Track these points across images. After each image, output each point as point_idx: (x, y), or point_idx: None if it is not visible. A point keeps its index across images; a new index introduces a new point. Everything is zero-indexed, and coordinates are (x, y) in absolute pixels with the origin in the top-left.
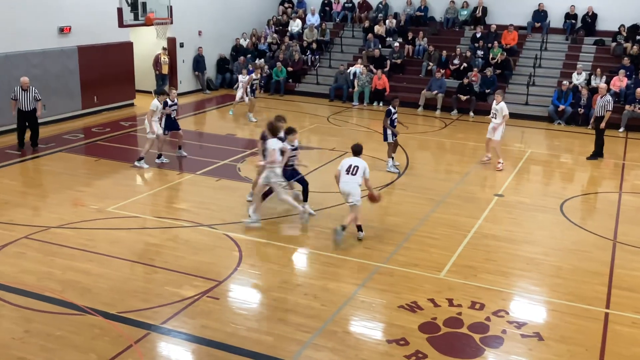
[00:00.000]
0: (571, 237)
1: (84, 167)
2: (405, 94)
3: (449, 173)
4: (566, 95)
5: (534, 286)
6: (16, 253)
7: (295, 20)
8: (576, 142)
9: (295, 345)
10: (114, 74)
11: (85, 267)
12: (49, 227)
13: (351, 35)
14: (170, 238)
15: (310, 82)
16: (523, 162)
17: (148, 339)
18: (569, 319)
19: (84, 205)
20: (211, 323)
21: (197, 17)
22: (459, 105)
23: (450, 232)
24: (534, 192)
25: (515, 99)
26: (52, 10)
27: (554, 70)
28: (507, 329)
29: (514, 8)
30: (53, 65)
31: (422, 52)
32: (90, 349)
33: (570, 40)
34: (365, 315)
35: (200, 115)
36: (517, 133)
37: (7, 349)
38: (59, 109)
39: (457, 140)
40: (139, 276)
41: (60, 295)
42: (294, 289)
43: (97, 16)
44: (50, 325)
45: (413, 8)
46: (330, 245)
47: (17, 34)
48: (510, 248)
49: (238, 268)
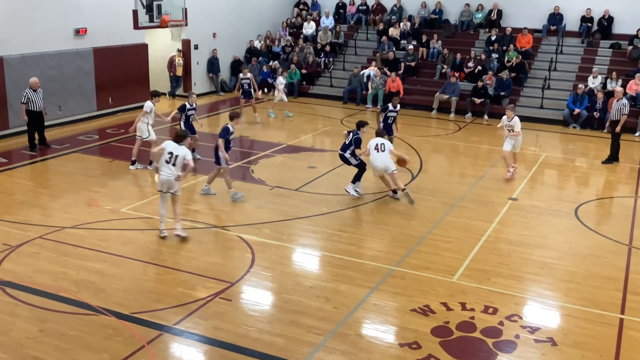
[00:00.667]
0: (586, 242)
1: (99, 168)
2: (419, 97)
3: (463, 176)
4: (582, 99)
5: (547, 291)
6: (31, 253)
7: (309, 23)
8: (591, 146)
9: (307, 348)
10: (129, 75)
11: (99, 268)
12: (63, 228)
13: (365, 38)
14: (184, 239)
15: (324, 85)
16: (537, 166)
17: (160, 339)
18: (583, 324)
19: (98, 205)
20: (223, 324)
21: (211, 19)
22: (473, 108)
23: (463, 235)
24: (548, 196)
25: (530, 102)
26: (68, 12)
27: (569, 74)
28: (521, 334)
29: (530, 11)
30: (69, 66)
31: (436, 54)
32: (103, 349)
33: (586, 43)
34: (377, 318)
35: (214, 117)
36: (532, 136)
37: (21, 348)
38: (74, 110)
39: (471, 143)
40: (152, 277)
41: (74, 295)
42: (306, 291)
43: (112, 18)
44: (64, 325)
45: (428, 11)
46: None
47: (33, 35)
48: (524, 252)
49: (250, 270)
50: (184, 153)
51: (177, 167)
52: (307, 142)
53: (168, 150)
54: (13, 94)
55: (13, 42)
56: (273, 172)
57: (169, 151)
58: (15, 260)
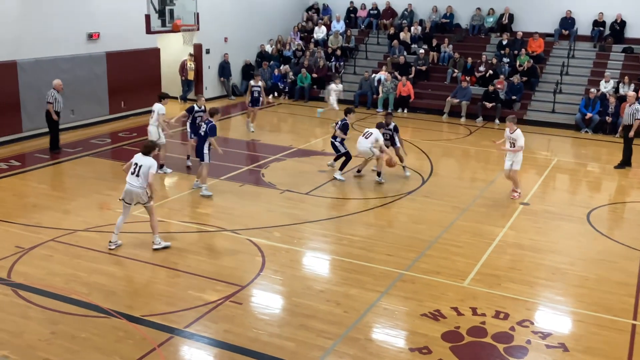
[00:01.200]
0: (598, 247)
1: (111, 171)
2: (430, 101)
3: (474, 181)
4: (594, 103)
5: (559, 296)
6: (43, 255)
7: (320, 27)
8: (603, 151)
9: (317, 352)
10: (141, 79)
11: (110, 270)
12: (76, 230)
13: (376, 42)
14: (194, 242)
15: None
16: (549, 171)
17: (171, 342)
18: (595, 330)
19: (109, 208)
20: (233, 328)
21: (223, 24)
22: (484, 113)
23: (474, 240)
24: (560, 200)
25: (541, 106)
26: (81, 17)
27: (581, 78)
28: (532, 339)
29: (541, 15)
30: (82, 70)
31: (447, 59)
32: (114, 352)
33: (598, 47)
34: (387, 322)
35: (226, 120)
36: (544, 141)
37: (33, 350)
38: (86, 113)
39: (482, 147)
40: (162, 280)
41: (86, 297)
42: (317, 295)
43: (125, 23)
44: (75, 327)
45: (439, 15)
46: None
47: (47, 39)
48: (536, 257)
49: (261, 273)
50: (148, 164)
51: (141, 177)
52: (317, 146)
53: (134, 161)
54: (27, 98)
55: (27, 47)
56: (283, 176)
57: (135, 162)
58: (28, 262)
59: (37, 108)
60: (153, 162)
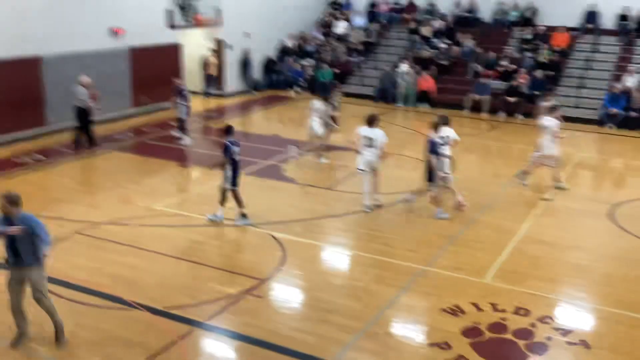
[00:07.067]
0: (621, 244)
1: (134, 165)
2: (451, 96)
3: (496, 176)
4: (618, 98)
5: (581, 293)
6: (67, 248)
7: (341, 22)
8: (628, 147)
9: (337, 346)
10: (164, 74)
11: (133, 263)
12: (99, 223)
13: (397, 37)
14: (216, 236)
15: (355, 84)
16: (572, 167)
17: (192, 334)
18: (617, 327)
19: (132, 202)
20: (254, 321)
21: (244, 19)
22: (506, 108)
23: (495, 236)
24: (583, 197)
25: (565, 101)
26: (105, 12)
27: (605, 72)
28: (553, 336)
29: (565, 9)
30: (105, 65)
31: (469, 53)
32: (137, 344)
33: (623, 41)
34: (407, 317)
35: (247, 115)
36: (567, 136)
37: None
38: (110, 109)
39: (504, 142)
40: (184, 273)
41: (109, 290)
42: (337, 290)
43: (148, 18)
44: (98, 319)
45: (461, 9)
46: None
47: (72, 35)
48: (557, 254)
49: (281, 267)
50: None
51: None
52: (338, 140)
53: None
54: (51, 92)
55: (52, 42)
56: (304, 171)
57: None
58: (52, 255)
59: (61, 103)
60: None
